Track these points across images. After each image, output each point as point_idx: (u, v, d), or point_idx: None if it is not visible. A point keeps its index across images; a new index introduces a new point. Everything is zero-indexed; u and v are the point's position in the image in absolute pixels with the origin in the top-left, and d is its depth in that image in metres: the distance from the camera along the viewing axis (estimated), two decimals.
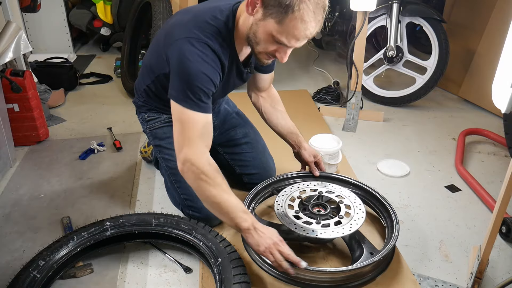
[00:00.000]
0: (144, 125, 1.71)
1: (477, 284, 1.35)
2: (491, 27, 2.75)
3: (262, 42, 1.29)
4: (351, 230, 1.40)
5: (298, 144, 1.75)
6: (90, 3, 3.80)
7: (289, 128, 1.76)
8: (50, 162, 2.15)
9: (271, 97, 1.79)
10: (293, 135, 1.75)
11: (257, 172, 1.80)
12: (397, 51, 2.70)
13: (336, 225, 1.43)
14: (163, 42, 1.40)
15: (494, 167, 2.15)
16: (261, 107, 1.78)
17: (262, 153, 1.83)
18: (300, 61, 3.73)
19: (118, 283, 1.43)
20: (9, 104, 2.17)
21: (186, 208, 1.63)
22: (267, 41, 1.28)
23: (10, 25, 2.17)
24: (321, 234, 1.39)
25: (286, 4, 1.17)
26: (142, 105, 1.69)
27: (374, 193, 1.64)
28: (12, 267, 1.46)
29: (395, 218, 1.49)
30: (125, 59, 3.14)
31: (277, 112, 1.77)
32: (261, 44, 1.30)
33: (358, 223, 1.43)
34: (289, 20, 1.19)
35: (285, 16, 1.19)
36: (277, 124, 1.77)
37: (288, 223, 1.44)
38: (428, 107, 2.85)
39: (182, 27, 1.34)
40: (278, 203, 1.55)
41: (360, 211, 1.49)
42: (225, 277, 1.28)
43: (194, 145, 1.32)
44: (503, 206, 1.22)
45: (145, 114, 1.69)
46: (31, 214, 1.76)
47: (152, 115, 1.68)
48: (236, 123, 1.83)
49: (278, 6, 1.18)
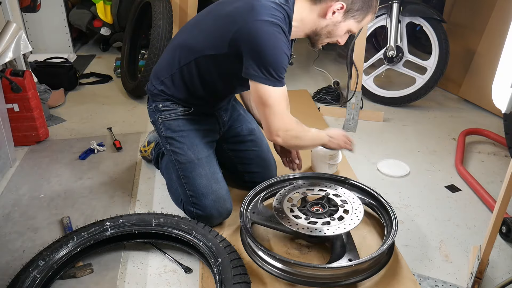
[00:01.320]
0: (156, 115, 1.64)
1: (477, 284, 1.35)
2: (491, 27, 2.76)
3: (335, 37, 1.49)
4: (334, 232, 1.41)
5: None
6: (90, 3, 3.80)
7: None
8: (50, 162, 2.15)
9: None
10: None
11: (259, 171, 1.81)
12: (397, 51, 2.70)
13: (323, 225, 1.44)
14: (226, 25, 1.41)
15: (494, 167, 2.15)
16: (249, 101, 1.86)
17: (266, 153, 1.84)
18: (300, 61, 3.73)
19: (118, 283, 1.43)
20: (9, 104, 2.17)
21: (190, 205, 1.63)
22: (341, 36, 1.50)
23: (10, 25, 2.17)
24: (303, 229, 1.43)
25: (368, 6, 1.43)
26: (158, 94, 1.62)
27: (376, 195, 1.65)
28: (12, 267, 1.46)
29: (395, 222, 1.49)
30: (125, 59, 3.14)
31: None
32: (332, 38, 1.50)
33: (346, 228, 1.43)
34: (368, 18, 1.48)
35: (366, 15, 1.46)
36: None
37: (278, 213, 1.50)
38: (428, 107, 2.85)
39: (252, 10, 1.36)
40: (281, 194, 1.61)
41: (355, 217, 1.47)
42: (225, 277, 1.28)
43: (283, 115, 1.45)
44: (503, 206, 1.22)
45: (160, 103, 1.62)
46: (31, 214, 1.76)
47: (167, 106, 1.62)
48: (243, 119, 1.84)
49: (361, 9, 1.43)
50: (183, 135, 1.62)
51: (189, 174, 1.60)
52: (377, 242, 1.57)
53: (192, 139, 1.62)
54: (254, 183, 1.71)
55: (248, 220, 1.55)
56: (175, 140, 1.63)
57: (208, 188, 1.59)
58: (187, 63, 1.52)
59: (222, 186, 1.63)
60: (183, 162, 1.61)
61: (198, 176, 1.59)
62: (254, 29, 1.34)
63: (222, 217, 1.63)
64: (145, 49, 3.25)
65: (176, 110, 1.63)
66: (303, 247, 1.54)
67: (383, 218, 1.58)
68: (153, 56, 2.63)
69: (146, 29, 3.17)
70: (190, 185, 1.61)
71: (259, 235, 1.61)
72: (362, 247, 1.53)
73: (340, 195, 1.60)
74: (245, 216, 1.55)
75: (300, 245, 1.55)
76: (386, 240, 1.42)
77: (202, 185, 1.59)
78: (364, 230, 1.64)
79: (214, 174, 1.62)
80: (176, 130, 1.63)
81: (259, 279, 1.39)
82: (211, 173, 1.61)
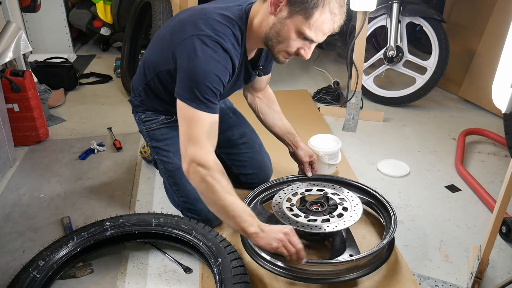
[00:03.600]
0: (141, 125, 1.67)
1: (477, 284, 1.35)
2: (491, 27, 2.75)
3: (286, 40, 1.27)
4: (334, 229, 1.41)
5: (295, 144, 1.74)
6: (90, 3, 3.80)
7: (286, 129, 1.75)
8: (50, 162, 2.15)
9: (267, 97, 1.79)
10: (290, 135, 1.74)
11: (254, 172, 1.81)
12: (397, 51, 2.70)
13: (322, 222, 1.45)
14: (169, 39, 1.36)
15: (494, 167, 2.15)
16: (257, 107, 1.78)
17: (259, 153, 1.83)
18: (300, 61, 3.73)
19: (118, 283, 1.43)
20: (9, 104, 2.17)
21: (186, 211, 1.62)
22: (292, 39, 1.27)
23: (10, 25, 2.17)
24: (302, 227, 1.43)
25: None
26: (138, 105, 1.65)
27: (375, 193, 1.65)
28: (12, 267, 1.46)
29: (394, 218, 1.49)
30: (125, 59, 3.14)
31: (273, 113, 1.77)
32: (284, 43, 1.28)
33: (345, 224, 1.43)
34: (319, 15, 1.20)
35: (315, 10, 1.19)
36: (274, 124, 1.76)
37: (278, 213, 1.50)
38: (428, 107, 2.85)
39: (192, 24, 1.30)
40: (280, 196, 1.59)
41: (354, 214, 1.48)
42: (225, 277, 1.28)
43: (200, 145, 1.28)
44: (503, 206, 1.22)
45: (141, 114, 1.65)
46: (31, 214, 1.76)
47: (149, 116, 1.64)
48: (233, 123, 1.82)
49: (306, 2, 1.18)
50: (168, 143, 1.61)
51: (179, 181, 1.59)
52: (377, 241, 1.57)
53: (177, 146, 1.45)
54: (250, 183, 1.72)
55: None
56: (161, 149, 1.63)
57: None
58: (151, 78, 1.52)
59: None
60: (171, 170, 1.60)
61: (187, 182, 1.49)
62: (187, 45, 1.26)
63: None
64: (145, 49, 3.24)
65: (158, 119, 1.64)
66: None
67: (382, 216, 1.58)
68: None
69: (146, 29, 3.16)
70: (181, 192, 1.61)
71: None
72: (362, 246, 1.53)
73: (339, 194, 1.60)
74: None
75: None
76: (386, 235, 1.43)
77: (193, 190, 1.50)
78: (364, 230, 1.64)
79: None
80: (160, 139, 1.64)
81: (259, 279, 1.40)
82: None
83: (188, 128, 1.29)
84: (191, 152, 1.28)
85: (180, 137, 1.32)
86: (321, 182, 1.73)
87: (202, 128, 1.29)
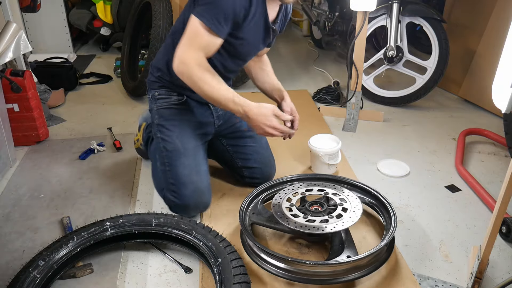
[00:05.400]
0: (153, 103, 1.72)
1: (477, 284, 1.35)
2: (491, 27, 2.75)
3: None
4: (332, 230, 1.41)
5: (281, 97, 1.78)
6: (90, 3, 3.80)
7: (274, 85, 1.81)
8: (50, 162, 2.15)
9: (261, 60, 1.85)
10: (278, 91, 1.79)
11: (258, 166, 1.83)
12: (397, 51, 2.70)
13: (321, 223, 1.45)
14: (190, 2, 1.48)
15: (494, 167, 2.15)
16: (251, 68, 1.85)
17: (264, 149, 1.86)
18: (300, 61, 3.73)
19: (118, 283, 1.43)
20: (9, 104, 2.17)
21: (169, 193, 1.66)
22: None
23: (10, 25, 2.17)
24: (301, 227, 1.43)
25: None
26: (154, 81, 1.71)
27: (378, 195, 1.65)
28: (12, 267, 1.46)
29: (394, 218, 1.49)
30: (125, 59, 3.14)
31: (263, 72, 1.84)
32: None
33: (344, 225, 1.43)
34: None
35: None
36: (264, 81, 1.83)
37: (277, 212, 1.50)
38: (428, 107, 2.85)
39: None
40: (280, 196, 1.60)
41: (353, 215, 1.48)
42: (225, 277, 1.28)
43: (193, 50, 1.41)
44: (503, 206, 1.22)
45: (155, 91, 1.71)
46: (31, 214, 1.76)
47: (162, 94, 1.70)
48: None
49: None
50: (174, 124, 1.67)
51: (174, 163, 1.64)
52: (377, 241, 1.57)
53: (182, 129, 1.66)
54: (253, 178, 1.76)
55: (248, 220, 1.56)
56: (166, 128, 1.68)
57: (189, 179, 1.62)
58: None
59: (203, 179, 1.66)
60: (170, 150, 1.65)
61: (181, 166, 1.63)
62: None
63: (198, 208, 1.67)
64: (145, 49, 3.25)
65: (170, 100, 1.69)
66: (302, 247, 1.54)
67: (382, 216, 1.58)
68: (153, 56, 2.63)
69: (146, 29, 3.17)
70: (172, 173, 1.65)
71: (259, 235, 1.61)
72: (362, 246, 1.53)
73: (339, 194, 1.60)
74: (245, 217, 1.55)
75: (299, 245, 1.55)
76: (385, 236, 1.43)
77: (183, 175, 1.62)
78: (364, 230, 1.64)
79: (198, 166, 1.65)
80: (168, 118, 1.69)
81: (259, 279, 1.40)
82: (194, 164, 1.65)
83: (188, 37, 1.42)
84: (180, 52, 1.42)
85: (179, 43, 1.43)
86: (322, 182, 1.73)
87: (201, 41, 1.41)
